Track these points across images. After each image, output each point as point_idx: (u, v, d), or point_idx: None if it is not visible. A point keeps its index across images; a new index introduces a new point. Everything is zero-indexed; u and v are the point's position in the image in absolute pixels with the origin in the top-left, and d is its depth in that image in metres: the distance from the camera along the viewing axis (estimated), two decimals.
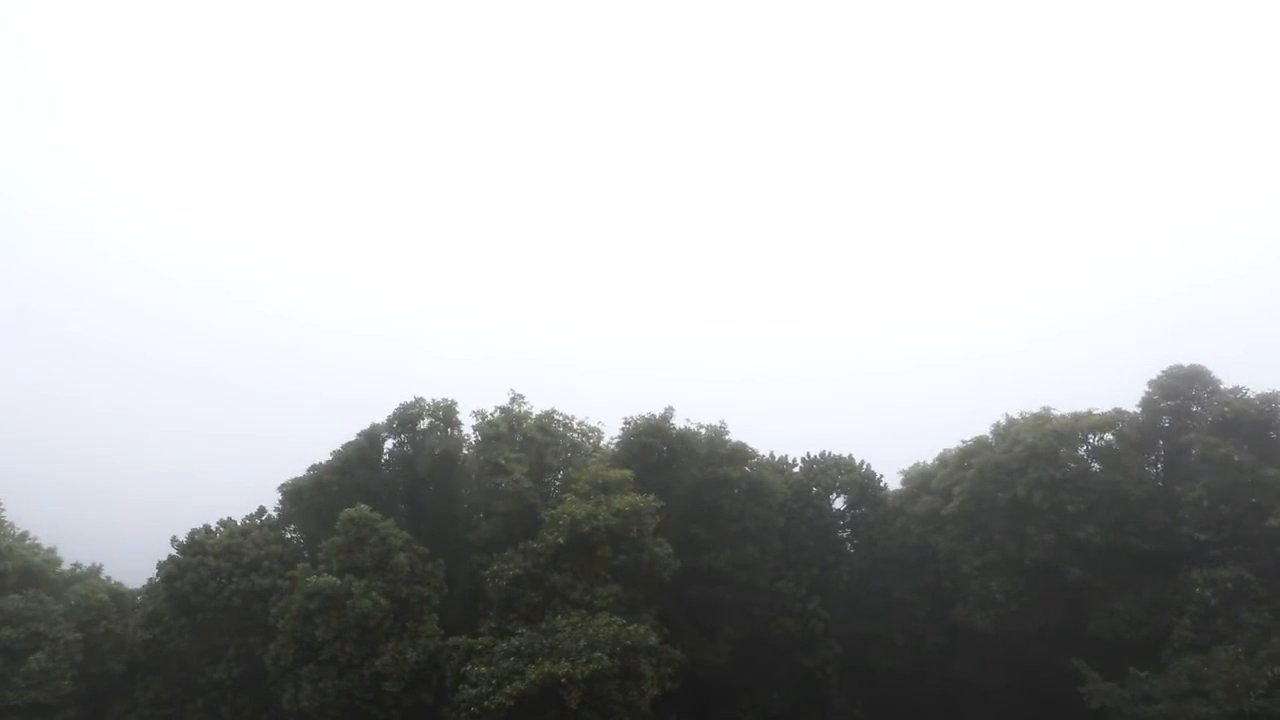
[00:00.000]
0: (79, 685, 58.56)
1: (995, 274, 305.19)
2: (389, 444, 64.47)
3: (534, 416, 65.29)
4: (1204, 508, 59.29)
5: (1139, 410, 65.54)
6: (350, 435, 63.77)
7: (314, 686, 54.45)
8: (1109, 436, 65.38)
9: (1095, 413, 65.32)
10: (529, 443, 63.47)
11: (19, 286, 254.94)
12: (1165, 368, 65.46)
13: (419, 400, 64.31)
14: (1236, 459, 58.72)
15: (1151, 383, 65.39)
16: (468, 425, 64.81)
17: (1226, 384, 63.80)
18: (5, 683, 56.32)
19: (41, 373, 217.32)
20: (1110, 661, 58.52)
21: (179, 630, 59.09)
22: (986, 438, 69.93)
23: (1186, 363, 65.04)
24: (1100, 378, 67.99)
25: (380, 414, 64.59)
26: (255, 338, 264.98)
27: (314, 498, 61.81)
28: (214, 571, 58.50)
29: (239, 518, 63.52)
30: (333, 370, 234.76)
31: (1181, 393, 64.23)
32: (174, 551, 60.09)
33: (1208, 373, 64.36)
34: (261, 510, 64.48)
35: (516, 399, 65.20)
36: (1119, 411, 65.41)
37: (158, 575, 60.75)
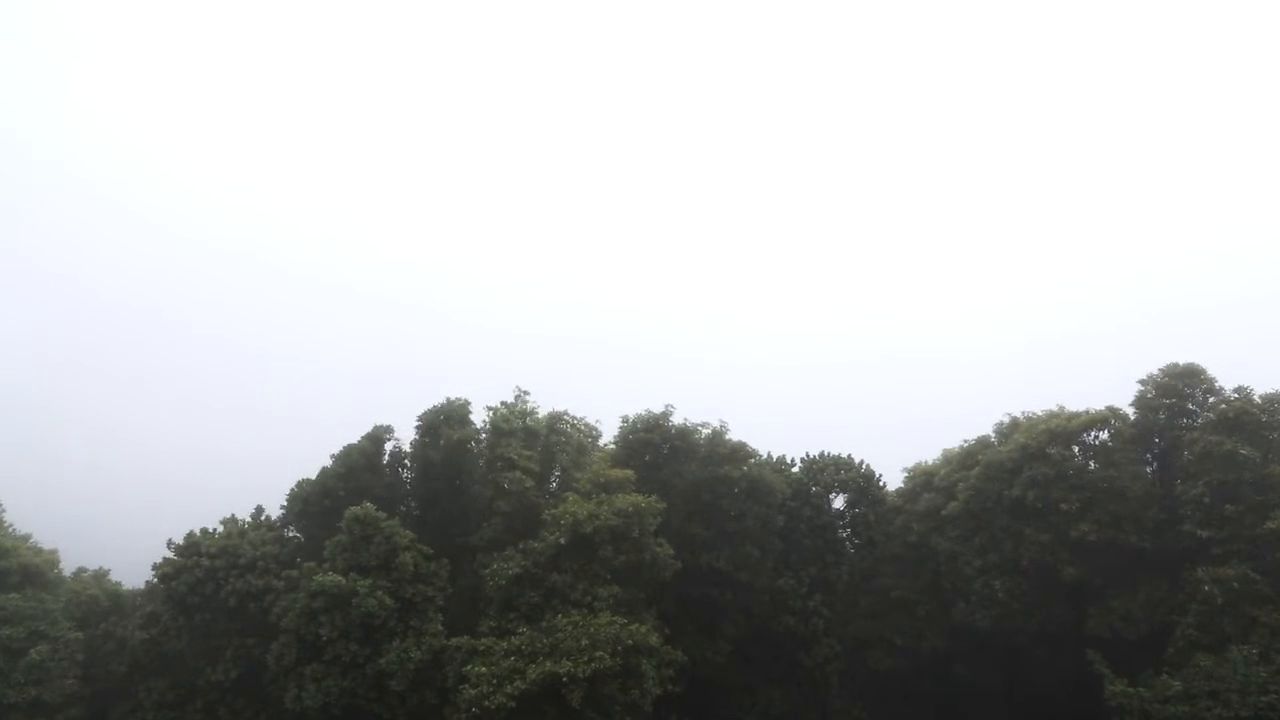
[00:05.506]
0: (81, 685, 58.23)
1: (1011, 273, 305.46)
2: (410, 442, 65.05)
3: (542, 416, 65.54)
4: (1206, 505, 59.21)
5: (1133, 409, 65.72)
6: (365, 425, 65.09)
7: (318, 685, 54.23)
8: (1104, 435, 65.59)
9: (1090, 411, 65.53)
10: (534, 438, 63.67)
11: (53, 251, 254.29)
12: (1161, 366, 65.62)
13: (447, 402, 64.63)
14: (1243, 453, 58.72)
15: (1145, 381, 65.58)
16: (479, 421, 65.06)
17: (1228, 386, 63.82)
18: (5, 680, 56.02)
19: (57, 344, 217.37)
20: (1109, 660, 58.63)
21: (176, 631, 58.76)
22: (989, 437, 70.41)
23: (1182, 361, 65.18)
24: (1116, 383, 67.92)
25: (390, 402, 65.65)
26: (283, 311, 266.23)
27: (320, 501, 62.05)
28: (210, 572, 58.29)
29: (244, 515, 63.71)
30: (352, 352, 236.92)
31: (1178, 391, 64.45)
32: (170, 553, 59.92)
33: (1203, 371, 64.62)
34: (260, 510, 64.31)
35: (520, 395, 65.49)
36: (1112, 409, 65.63)
37: (155, 576, 60.53)
